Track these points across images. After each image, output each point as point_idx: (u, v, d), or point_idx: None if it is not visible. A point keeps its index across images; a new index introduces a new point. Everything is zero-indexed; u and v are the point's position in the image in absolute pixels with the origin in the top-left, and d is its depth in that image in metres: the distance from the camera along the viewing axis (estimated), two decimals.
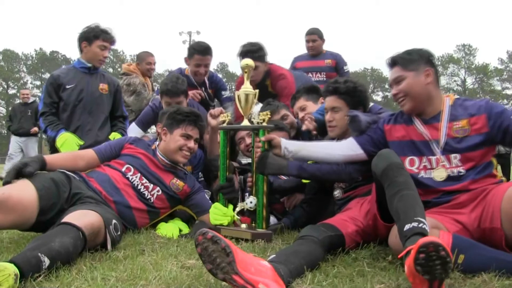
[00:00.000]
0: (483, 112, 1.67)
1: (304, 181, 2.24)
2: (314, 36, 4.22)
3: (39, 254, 1.31)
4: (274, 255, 1.43)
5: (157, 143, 2.33)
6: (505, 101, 41.27)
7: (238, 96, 2.11)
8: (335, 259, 1.60)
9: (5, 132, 42.99)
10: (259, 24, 78.08)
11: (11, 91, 43.80)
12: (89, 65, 2.93)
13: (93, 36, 2.88)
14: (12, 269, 1.17)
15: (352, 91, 2.08)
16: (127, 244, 1.84)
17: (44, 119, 2.84)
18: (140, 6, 74.14)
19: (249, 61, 2.13)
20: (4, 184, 1.78)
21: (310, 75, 4.16)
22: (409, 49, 1.82)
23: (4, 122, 39.66)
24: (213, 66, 3.35)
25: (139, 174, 2.14)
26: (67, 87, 2.87)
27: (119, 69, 42.78)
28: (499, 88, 42.48)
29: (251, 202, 2.03)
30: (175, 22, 70.75)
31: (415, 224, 1.29)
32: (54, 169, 1.98)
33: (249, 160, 2.35)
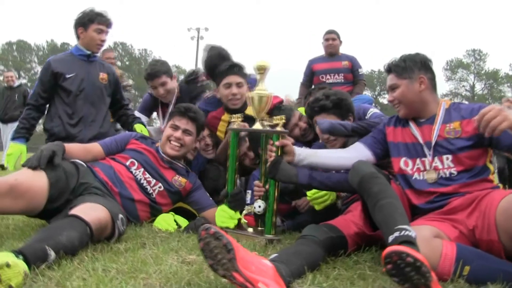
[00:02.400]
0: (474, 115, 1.66)
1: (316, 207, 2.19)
2: (333, 35, 4.30)
3: (46, 247, 1.33)
4: (276, 255, 1.43)
5: (161, 141, 2.35)
6: None
7: (251, 97, 2.04)
8: (336, 261, 1.59)
9: None
10: (268, 21, 77.95)
11: (22, 81, 44.36)
12: (88, 52, 2.83)
13: (88, 20, 2.78)
14: (23, 266, 1.17)
15: (338, 103, 2.14)
16: (129, 236, 1.85)
17: (25, 111, 2.79)
18: (150, 0, 74.46)
19: (264, 62, 2.05)
20: (32, 167, 1.76)
21: (328, 77, 4.21)
22: (404, 56, 1.84)
23: None
24: None
25: (142, 169, 2.16)
26: (67, 76, 2.76)
27: (127, 63, 43.07)
28: (509, 94, 41.95)
29: (259, 206, 1.99)
30: (184, 17, 70.90)
31: (397, 233, 1.28)
32: (67, 159, 2.00)
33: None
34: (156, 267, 1.39)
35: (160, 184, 2.18)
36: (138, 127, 2.87)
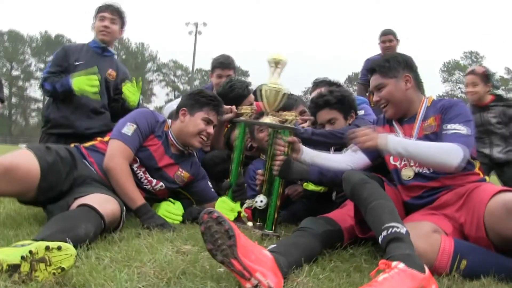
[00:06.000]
0: (439, 112, 1.71)
1: (305, 185, 2.21)
2: (390, 36, 4.11)
3: (67, 239, 1.30)
4: (275, 245, 1.41)
5: (170, 122, 2.21)
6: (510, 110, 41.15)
7: (265, 90, 1.95)
8: (332, 253, 1.59)
9: (7, 113, 43.07)
10: (267, 17, 77.82)
11: (14, 73, 43.79)
12: (102, 45, 2.82)
13: (95, 13, 2.85)
14: (74, 250, 1.15)
15: (341, 99, 2.16)
16: (124, 226, 1.82)
17: (48, 81, 2.67)
18: None
19: (279, 55, 1.94)
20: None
21: None
22: (387, 56, 1.88)
23: (7, 103, 39.70)
24: None
25: (143, 169, 2.08)
26: (76, 63, 2.73)
27: (123, 57, 42.80)
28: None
29: (261, 201, 1.95)
30: (182, 12, 70.51)
31: (384, 233, 1.28)
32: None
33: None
34: (151, 256, 1.36)
35: (161, 183, 2.12)
36: (125, 88, 2.74)
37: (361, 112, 2.35)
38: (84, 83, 2.55)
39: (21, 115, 46.14)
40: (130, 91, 2.74)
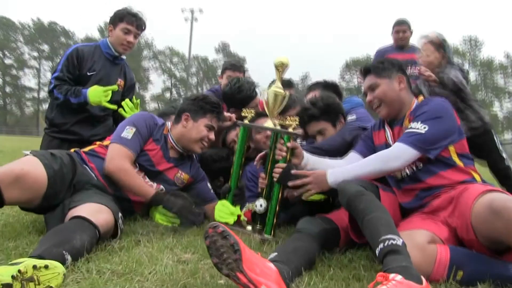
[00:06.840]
0: (412, 114, 1.76)
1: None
2: (405, 27, 3.95)
3: (64, 252, 1.31)
4: (276, 254, 1.42)
5: (169, 125, 2.20)
6: (507, 96, 41.28)
7: (267, 94, 1.98)
8: (331, 258, 1.61)
9: (1, 103, 42.59)
10: (264, 3, 76.62)
11: (7, 61, 43.09)
12: (116, 54, 2.74)
13: (118, 19, 2.70)
14: (62, 269, 1.15)
15: (326, 109, 2.15)
16: (123, 233, 1.82)
17: (59, 89, 2.61)
18: None
19: (284, 59, 1.95)
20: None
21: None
22: (380, 59, 1.95)
23: (1, 92, 39.30)
24: (214, 45, 3.44)
25: (143, 173, 2.07)
26: (89, 74, 2.67)
27: None
28: (501, 82, 42.33)
29: (261, 205, 1.94)
30: None
31: (381, 245, 1.29)
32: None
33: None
34: (151, 268, 1.37)
35: (161, 187, 2.12)
36: (125, 104, 2.73)
37: (352, 117, 2.29)
38: (102, 96, 2.54)
39: (16, 104, 45.64)
40: (129, 107, 2.73)
